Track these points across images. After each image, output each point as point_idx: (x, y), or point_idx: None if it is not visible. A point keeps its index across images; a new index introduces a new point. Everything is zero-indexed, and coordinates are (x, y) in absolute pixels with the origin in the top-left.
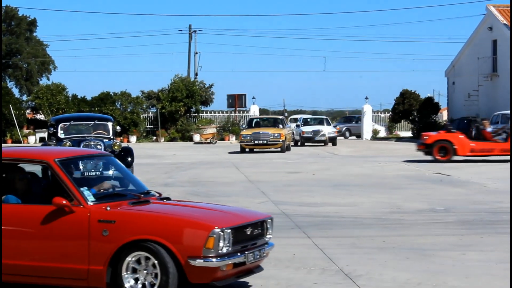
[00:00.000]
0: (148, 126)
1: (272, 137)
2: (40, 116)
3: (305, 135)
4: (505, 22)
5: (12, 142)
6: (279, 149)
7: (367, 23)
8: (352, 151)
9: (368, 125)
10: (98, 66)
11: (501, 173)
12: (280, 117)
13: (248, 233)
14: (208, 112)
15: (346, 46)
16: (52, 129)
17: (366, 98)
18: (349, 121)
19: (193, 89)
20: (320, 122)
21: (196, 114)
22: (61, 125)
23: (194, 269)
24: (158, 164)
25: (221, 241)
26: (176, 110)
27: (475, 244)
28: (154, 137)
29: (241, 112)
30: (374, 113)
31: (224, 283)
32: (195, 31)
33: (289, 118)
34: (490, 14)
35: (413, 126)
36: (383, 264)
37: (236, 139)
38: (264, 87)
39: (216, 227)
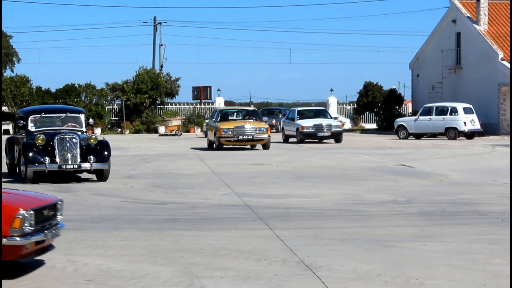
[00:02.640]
0: (113, 118)
1: (258, 131)
2: (4, 108)
3: (305, 130)
4: (468, 15)
5: None
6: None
7: (332, 16)
8: (317, 142)
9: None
10: (62, 58)
11: (464, 165)
12: (254, 108)
13: (46, 214)
14: (174, 104)
15: (311, 38)
16: (21, 122)
17: (331, 90)
18: (271, 113)
19: (158, 81)
20: (318, 114)
21: (161, 106)
22: (31, 117)
23: (2, 248)
24: (123, 156)
25: (26, 221)
26: (141, 102)
27: (436, 235)
28: (119, 129)
29: (206, 104)
30: (339, 105)
31: (28, 260)
32: (160, 23)
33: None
34: (454, 7)
35: (377, 118)
36: (344, 255)
37: (201, 131)
38: (229, 79)
39: (21, 209)
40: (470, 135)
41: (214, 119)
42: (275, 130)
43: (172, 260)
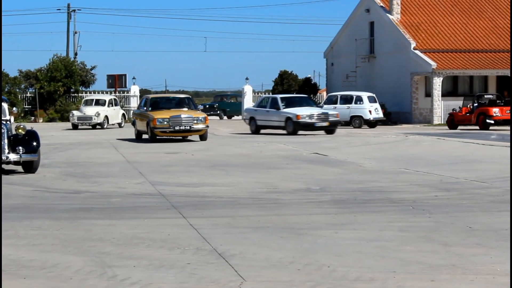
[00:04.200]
0: (26, 106)
1: (196, 121)
2: None
3: (301, 120)
4: (381, 4)
5: None
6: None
7: (248, 4)
8: (232, 131)
9: (248, 106)
10: None
11: (377, 153)
12: (188, 95)
13: None
14: (88, 93)
15: (226, 27)
16: None
17: (247, 79)
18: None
19: (73, 69)
20: (304, 102)
21: (75, 95)
22: None
23: None
24: None
25: None
26: (55, 90)
27: (348, 223)
28: (33, 118)
29: (121, 92)
30: (255, 93)
31: None
32: (74, 10)
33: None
34: None
35: None
36: (257, 243)
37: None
38: (144, 67)
39: None
40: (373, 123)
41: (144, 108)
42: None
43: (84, 249)
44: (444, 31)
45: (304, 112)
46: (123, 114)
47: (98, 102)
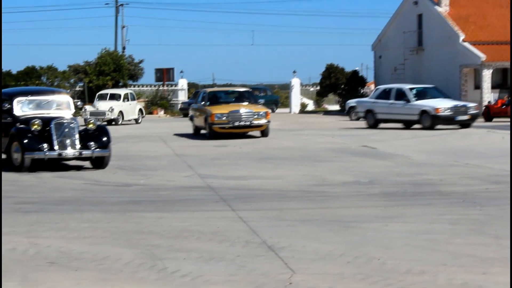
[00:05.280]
0: (76, 100)
1: (256, 116)
2: None
3: (441, 113)
4: None
5: None
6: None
7: None
8: (280, 124)
9: (296, 99)
10: (23, 39)
11: (426, 146)
12: (248, 89)
13: None
14: (136, 86)
15: (273, 20)
16: (6, 105)
17: (294, 72)
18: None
19: (121, 63)
20: (433, 93)
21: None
22: (16, 100)
23: None
24: None
25: None
26: (104, 84)
27: (398, 216)
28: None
29: (169, 86)
30: (303, 86)
31: None
32: (121, 5)
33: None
34: None
35: (340, 99)
36: (306, 236)
37: (164, 113)
38: (192, 61)
39: None
40: None
41: (202, 102)
42: None
43: (134, 242)
44: (493, 23)
45: (443, 105)
46: (140, 109)
47: (113, 97)
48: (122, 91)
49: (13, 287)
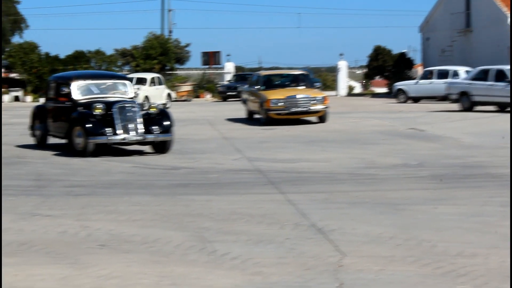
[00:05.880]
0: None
1: (313, 102)
2: (14, 75)
3: None
4: None
5: None
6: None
7: None
8: None
9: (343, 81)
10: (70, 24)
11: (475, 128)
12: (304, 72)
13: None
14: (183, 70)
15: (319, 2)
16: (64, 89)
17: (341, 54)
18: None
19: (168, 46)
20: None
21: (171, 72)
22: (76, 84)
23: None
24: None
25: None
26: (151, 68)
27: (448, 198)
28: None
29: (216, 69)
30: (350, 69)
31: None
32: None
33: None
34: None
35: (388, 82)
36: (356, 218)
37: (212, 96)
38: (239, 44)
39: None
40: None
41: (257, 86)
42: None
43: (184, 224)
44: None
45: None
46: (169, 94)
47: (140, 81)
48: (148, 75)
49: (65, 270)
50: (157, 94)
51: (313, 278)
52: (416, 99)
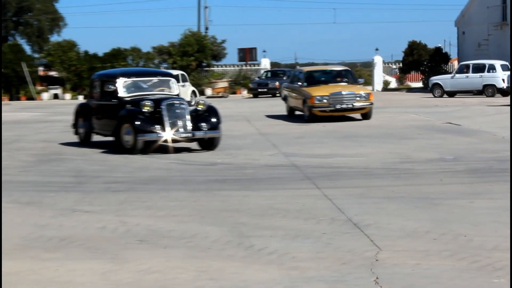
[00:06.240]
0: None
1: (358, 98)
2: (53, 73)
3: None
4: None
5: (27, 99)
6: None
7: None
8: None
9: (378, 76)
10: (108, 22)
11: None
12: (346, 68)
13: None
14: (219, 66)
15: None
16: (110, 86)
17: (376, 49)
18: (275, 75)
19: (204, 43)
20: None
21: (207, 69)
22: (121, 81)
23: None
24: None
25: None
26: (188, 65)
27: (484, 193)
28: None
29: (252, 65)
30: (385, 64)
31: None
32: None
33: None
34: None
35: (423, 76)
36: (392, 213)
37: (248, 92)
38: (274, 40)
39: None
40: (507, 92)
41: (298, 83)
42: (279, 94)
43: (221, 220)
44: None
45: None
46: (193, 91)
47: None
48: (173, 72)
49: (105, 265)
50: (181, 91)
51: (350, 273)
52: (451, 94)
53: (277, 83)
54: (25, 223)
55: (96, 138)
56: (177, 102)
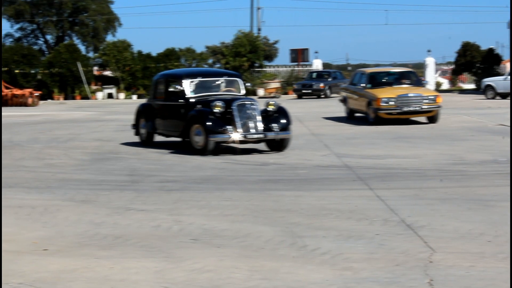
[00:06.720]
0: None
1: (426, 101)
2: (107, 73)
3: None
4: None
5: (81, 99)
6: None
7: None
8: None
9: (430, 78)
10: (161, 22)
11: None
12: (410, 69)
13: None
14: (272, 67)
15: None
16: (177, 86)
17: (429, 51)
18: (320, 77)
19: (257, 44)
20: None
21: (259, 69)
22: (188, 81)
23: None
24: None
25: None
26: (240, 65)
27: None
28: None
29: (304, 66)
30: (437, 65)
31: None
32: None
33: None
34: None
35: (476, 78)
36: (445, 215)
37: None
38: (326, 41)
39: None
40: None
41: (360, 85)
42: (323, 95)
43: (274, 220)
44: None
45: None
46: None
47: None
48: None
49: (159, 263)
50: None
51: (404, 274)
52: (504, 95)
53: (321, 84)
54: (80, 221)
55: (157, 138)
56: (248, 102)
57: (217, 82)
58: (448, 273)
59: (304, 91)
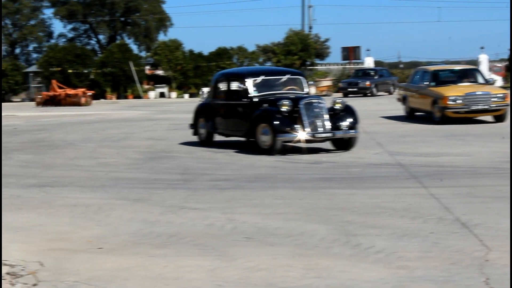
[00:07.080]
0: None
1: (494, 99)
2: (159, 72)
3: None
4: None
5: (133, 98)
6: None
7: None
8: None
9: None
10: (212, 21)
11: None
12: (474, 67)
13: None
14: (323, 65)
15: None
16: (241, 86)
17: (482, 47)
18: (367, 75)
19: (308, 42)
20: None
21: (311, 67)
22: (251, 80)
23: None
24: None
25: None
26: (292, 63)
27: None
28: None
29: (355, 64)
30: (490, 62)
31: None
32: None
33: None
34: None
35: None
36: (500, 213)
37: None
38: (378, 39)
39: None
40: None
41: (423, 83)
42: (370, 93)
43: (328, 218)
44: None
45: None
46: None
47: None
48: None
49: (213, 261)
50: None
51: (459, 273)
52: None
53: (367, 83)
54: (134, 219)
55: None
56: (316, 101)
57: (280, 81)
58: (504, 272)
59: (350, 89)
